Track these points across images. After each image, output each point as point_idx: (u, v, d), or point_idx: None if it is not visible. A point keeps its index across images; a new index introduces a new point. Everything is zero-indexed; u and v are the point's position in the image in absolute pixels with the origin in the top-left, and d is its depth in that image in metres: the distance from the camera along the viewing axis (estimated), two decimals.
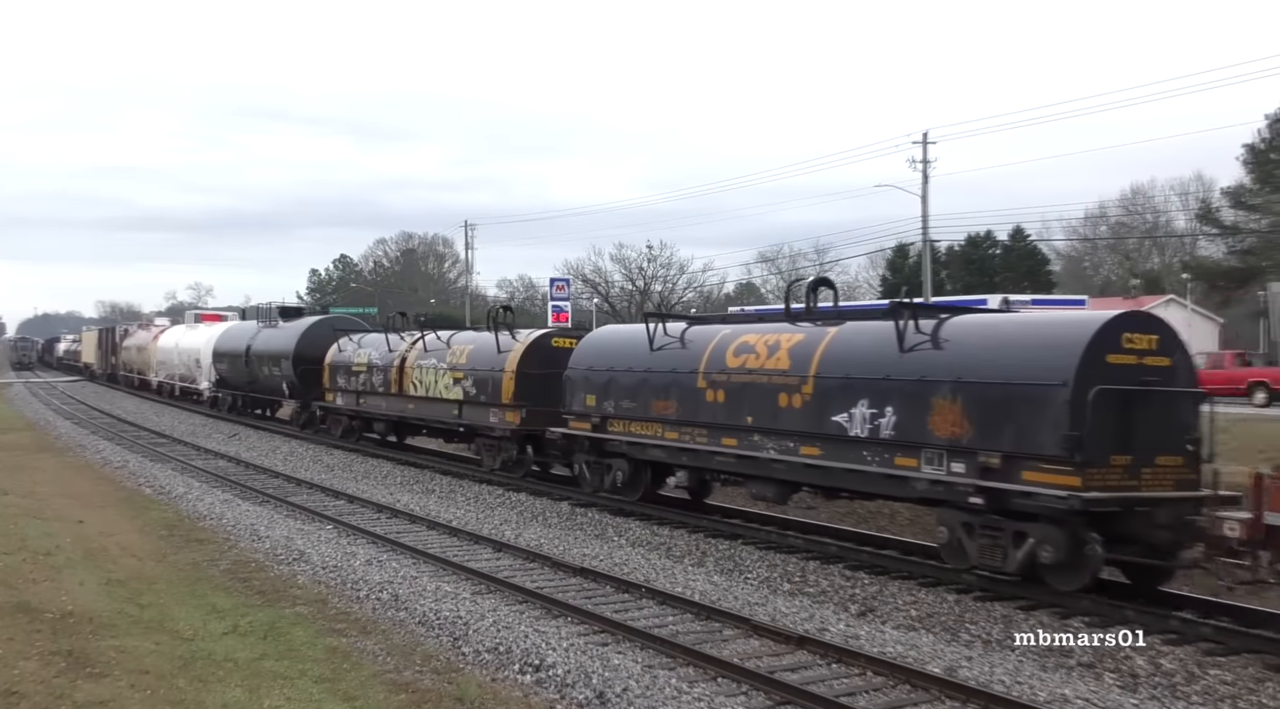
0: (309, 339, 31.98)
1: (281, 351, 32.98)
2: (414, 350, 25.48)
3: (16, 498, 18.80)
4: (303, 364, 31.40)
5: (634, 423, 17.35)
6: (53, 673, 8.75)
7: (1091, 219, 73.88)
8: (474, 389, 22.55)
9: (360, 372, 27.55)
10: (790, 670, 9.51)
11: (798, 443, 14.25)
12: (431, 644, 10.27)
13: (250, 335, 36.78)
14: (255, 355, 35.43)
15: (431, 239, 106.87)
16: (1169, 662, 9.70)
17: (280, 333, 34.78)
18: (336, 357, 29.33)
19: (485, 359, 22.41)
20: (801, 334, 14.76)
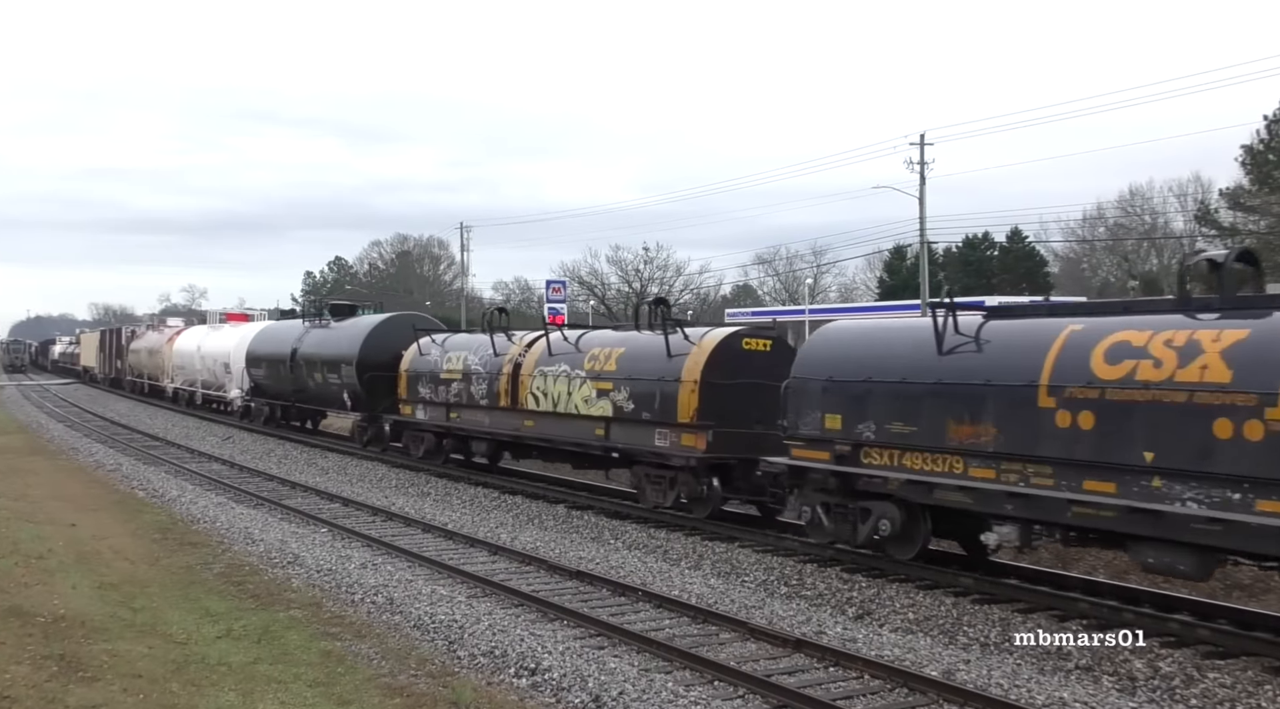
0: (377, 340, 27.01)
1: (341, 355, 27.94)
2: (532, 354, 20.70)
3: (8, 501, 18.73)
4: (369, 370, 26.40)
5: (909, 454, 12.78)
6: (44, 677, 8.69)
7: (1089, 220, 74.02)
8: (630, 404, 17.71)
9: (452, 379, 22.84)
10: (787, 673, 9.47)
11: (1251, 494, 9.66)
12: (427, 648, 10.22)
13: (296, 337, 31.52)
14: (304, 360, 30.26)
15: (427, 241, 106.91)
16: (1167, 664, 9.66)
17: (336, 334, 29.64)
18: (417, 361, 24.45)
19: (649, 366, 17.57)
20: (1240, 329, 10.16)
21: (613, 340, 19.14)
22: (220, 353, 38.96)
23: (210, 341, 41.16)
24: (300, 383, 30.89)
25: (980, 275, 66.98)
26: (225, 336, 39.93)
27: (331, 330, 30.24)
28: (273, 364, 32.97)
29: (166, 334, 49.14)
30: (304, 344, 30.71)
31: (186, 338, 44.98)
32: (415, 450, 24.70)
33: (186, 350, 43.42)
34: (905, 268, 67.01)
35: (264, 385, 34.46)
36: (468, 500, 20.02)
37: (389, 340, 26.67)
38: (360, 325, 29.04)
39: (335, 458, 26.80)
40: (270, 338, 34.61)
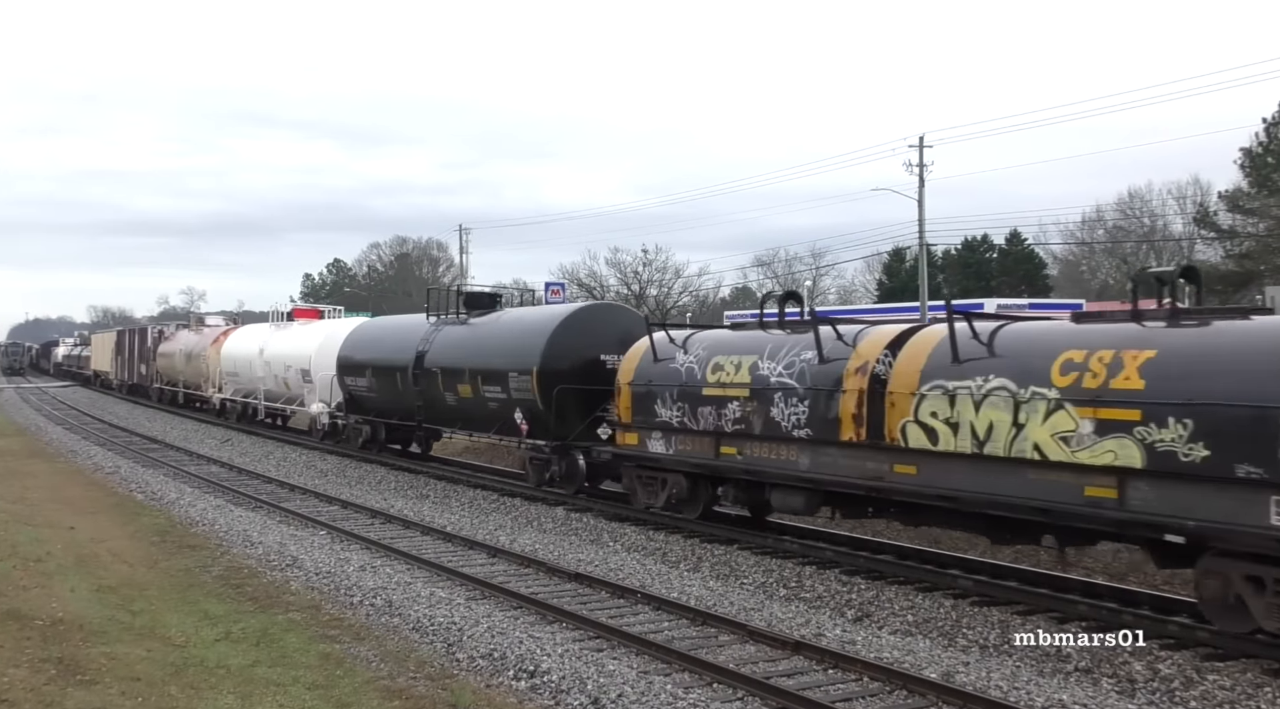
0: (565, 340, 19.73)
1: (510, 362, 20.55)
2: (909, 361, 13.11)
3: (7, 504, 18.72)
4: (559, 382, 19.26)
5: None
6: (43, 680, 8.68)
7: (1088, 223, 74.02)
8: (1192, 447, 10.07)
9: (728, 397, 15.34)
10: (786, 676, 9.47)
11: None
12: (425, 650, 10.21)
13: (421, 336, 24.22)
14: (438, 368, 23.07)
15: (425, 243, 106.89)
16: (1167, 667, 9.65)
17: (489, 332, 22.38)
18: (650, 369, 16.93)
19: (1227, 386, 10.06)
20: None
21: (1112, 337, 11.32)
22: (294, 357, 31.35)
23: (278, 344, 33.36)
24: (430, 397, 23.51)
25: (979, 278, 67.02)
26: (301, 338, 32.11)
27: (474, 328, 23.07)
28: (383, 373, 25.52)
29: (209, 334, 41.77)
30: (434, 346, 23.53)
31: (242, 339, 37.26)
32: (647, 497, 17.23)
33: (242, 354, 35.91)
34: (904, 270, 67.04)
35: (364, 399, 26.86)
36: (466, 502, 20.01)
37: (581, 340, 19.74)
38: (539, 321, 21.05)
39: (334, 460, 26.77)
40: (374, 339, 27.18)
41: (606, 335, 19.69)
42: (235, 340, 37.88)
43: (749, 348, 15.48)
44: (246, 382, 35.77)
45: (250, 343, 35.86)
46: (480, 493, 20.87)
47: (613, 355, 19.02)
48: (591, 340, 19.72)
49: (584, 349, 19.59)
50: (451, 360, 22.87)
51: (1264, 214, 44.67)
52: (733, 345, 15.88)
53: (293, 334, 33.53)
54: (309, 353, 30.31)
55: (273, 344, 33.81)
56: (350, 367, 27.18)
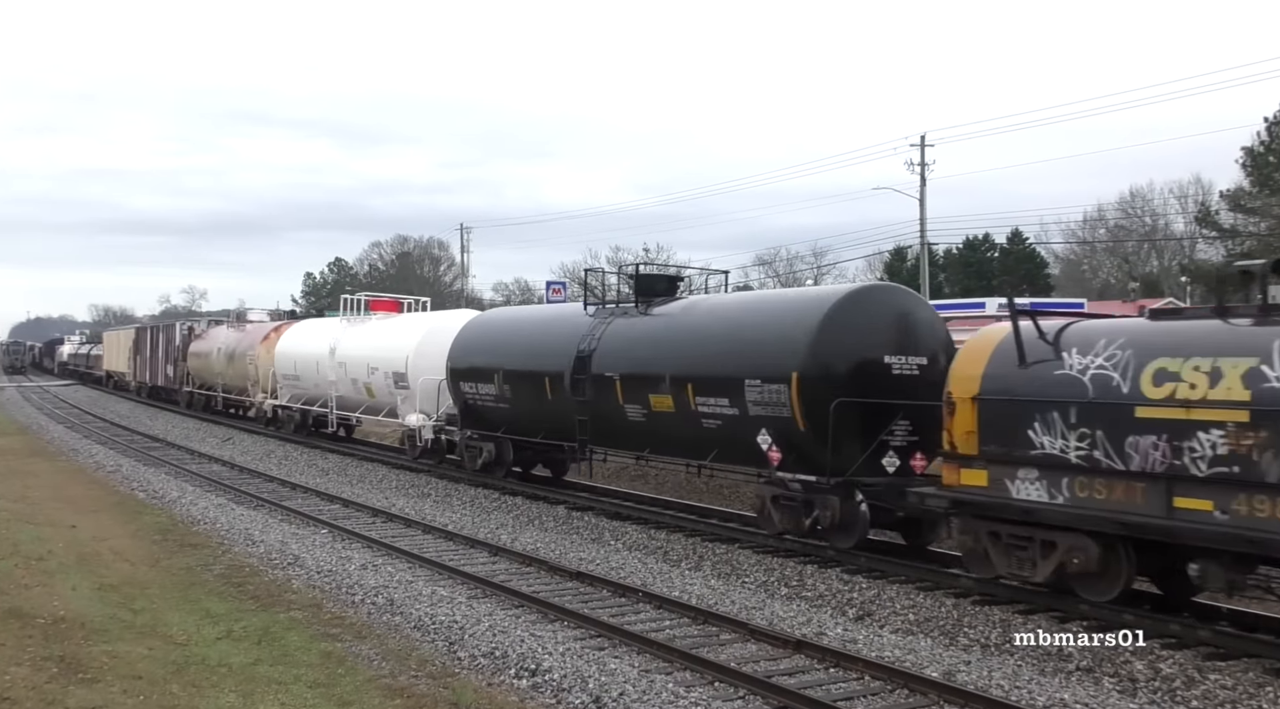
0: (837, 334, 14.32)
1: (745, 365, 15.01)
2: None
3: (8, 503, 18.73)
4: (832, 392, 13.85)
5: None
6: (44, 679, 8.68)
7: (1090, 222, 74.00)
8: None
9: (1203, 422, 9.99)
10: (788, 674, 9.46)
11: None
12: (427, 649, 10.21)
13: (581, 333, 18.65)
14: (617, 375, 17.48)
15: (427, 242, 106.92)
16: (1168, 666, 9.64)
17: (696, 323, 16.80)
18: (1016, 375, 11.70)
19: None
20: None
21: None
22: (384, 358, 25.76)
23: (356, 342, 27.74)
24: (601, 412, 17.90)
25: (981, 277, 67.00)
26: (389, 334, 26.57)
27: (665, 320, 17.48)
28: (523, 380, 20.09)
29: (255, 331, 36.81)
30: (604, 345, 18.00)
31: (303, 337, 31.97)
32: (1011, 565, 11.80)
33: (306, 354, 30.62)
34: (905, 269, 66.99)
35: (489, 412, 21.30)
36: (468, 501, 20.01)
37: (853, 335, 14.33)
38: (793, 309, 15.26)
39: (335, 459, 26.78)
40: (502, 336, 21.61)
41: (882, 327, 14.46)
42: (294, 338, 32.33)
43: (1229, 345, 10.11)
44: (310, 386, 30.45)
45: (316, 341, 30.27)
46: (481, 492, 20.87)
47: (899, 356, 14.36)
48: (866, 335, 14.34)
49: (860, 347, 14.23)
50: (637, 363, 17.18)
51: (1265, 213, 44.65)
52: (1189, 342, 10.46)
53: (374, 330, 27.57)
54: (404, 353, 24.63)
55: (349, 342, 27.96)
56: (470, 371, 21.63)
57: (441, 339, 23.28)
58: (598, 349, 18.00)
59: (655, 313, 17.88)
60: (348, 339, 28.32)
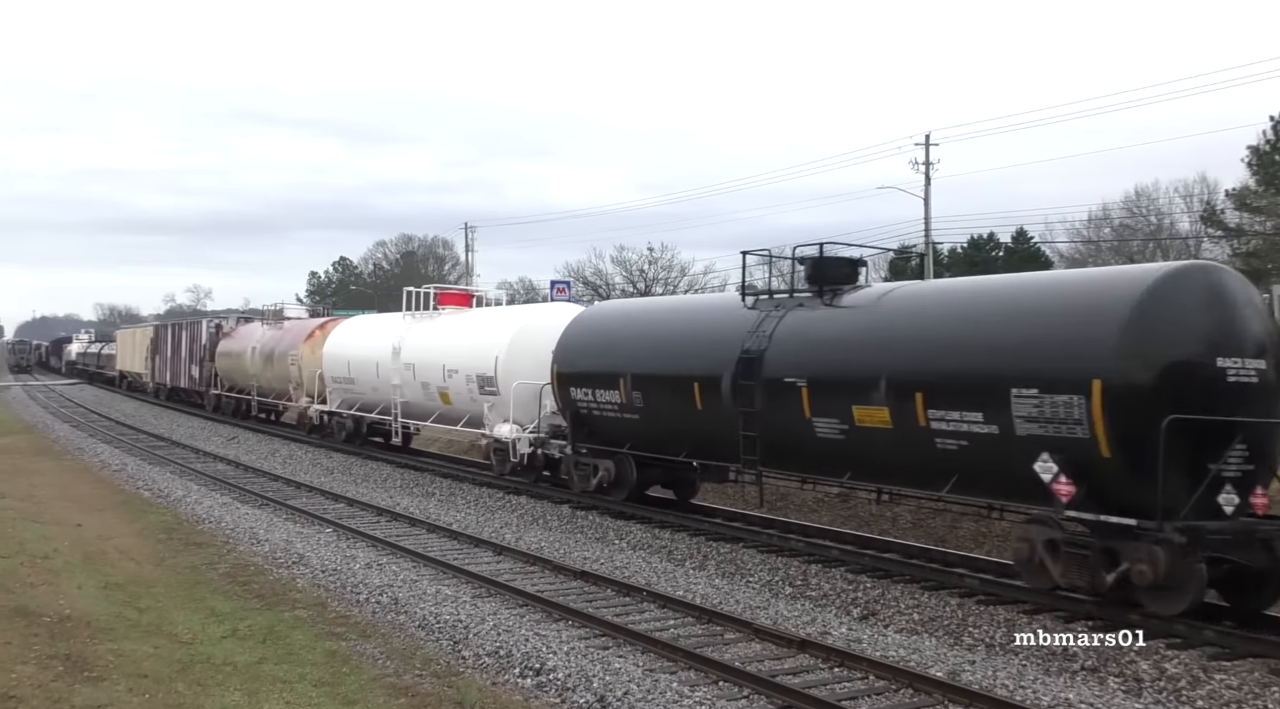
0: (1158, 327, 10.71)
1: (1017, 365, 11.41)
2: None
3: (14, 501, 18.76)
4: (1157, 407, 10.29)
5: None
6: (50, 677, 8.70)
7: (1095, 221, 73.84)
8: None
9: None
10: (792, 674, 9.46)
11: None
12: (432, 648, 10.22)
13: (744, 329, 15.05)
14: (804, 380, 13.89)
15: (431, 241, 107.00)
16: (1173, 666, 9.63)
17: (919, 311, 13.29)
18: None
19: None
20: None
21: None
22: (464, 359, 22.33)
23: (427, 340, 24.30)
24: (778, 425, 14.31)
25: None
26: (468, 332, 23.16)
27: (868, 313, 13.87)
28: (661, 386, 16.57)
29: (297, 329, 33.42)
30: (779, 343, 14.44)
31: (358, 334, 28.57)
32: None
33: (363, 354, 27.13)
34: (910, 268, 66.96)
35: (609, 424, 17.68)
36: (472, 501, 20.02)
37: (1177, 330, 10.85)
38: (1091, 291, 11.57)
39: (340, 458, 26.80)
40: (626, 333, 17.96)
41: (1211, 319, 10.93)
42: (346, 336, 28.96)
43: None
44: (368, 391, 27.02)
45: (374, 340, 26.79)
46: (486, 491, 20.88)
47: (1234, 359, 10.83)
48: (1192, 329, 10.85)
49: (1187, 346, 10.76)
50: (831, 366, 13.68)
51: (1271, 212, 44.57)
52: None
53: (449, 328, 24.13)
54: (492, 353, 21.24)
55: (417, 341, 24.63)
56: (585, 376, 18.04)
57: (537, 338, 20.34)
58: (770, 348, 14.40)
59: (846, 304, 14.27)
60: (415, 338, 24.73)
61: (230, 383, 39.01)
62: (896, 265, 71.05)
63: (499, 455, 21.23)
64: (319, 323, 33.04)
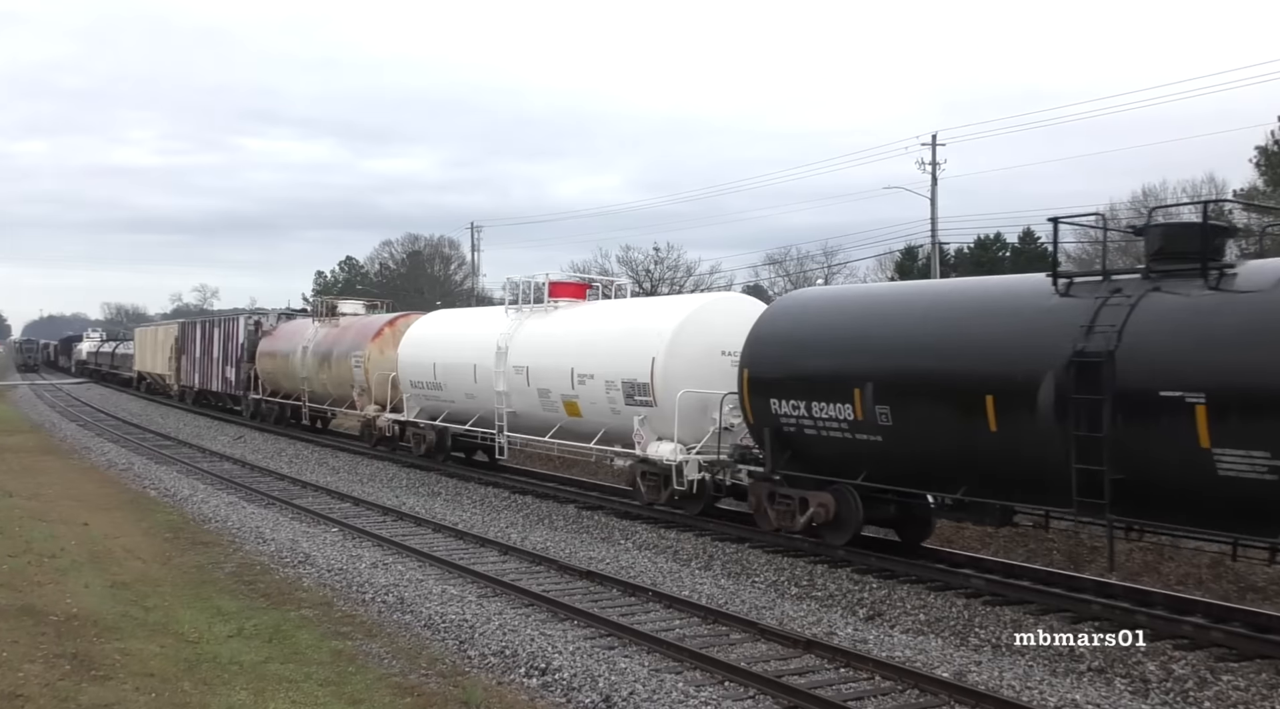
0: None
1: None
2: None
3: (22, 500, 18.80)
4: None
5: None
6: (57, 676, 8.72)
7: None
8: None
9: None
10: (798, 674, 9.45)
11: None
12: (437, 647, 10.22)
13: (1058, 321, 11.29)
14: (1203, 399, 9.76)
15: (438, 241, 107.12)
16: (1180, 667, 9.60)
17: None
18: None
19: None
20: None
21: None
22: (604, 362, 18.03)
23: (544, 338, 19.98)
24: (1149, 459, 10.42)
25: None
26: (607, 327, 18.89)
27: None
28: (934, 399, 12.53)
29: (359, 326, 29.46)
30: (1139, 338, 10.61)
31: (445, 332, 24.13)
32: None
33: (449, 356, 22.84)
34: (917, 268, 66.85)
35: (839, 448, 13.69)
36: (478, 500, 20.03)
37: None
38: None
39: (346, 457, 26.83)
40: (856, 326, 13.98)
41: None
42: (430, 334, 24.50)
43: None
44: (459, 399, 22.60)
45: (469, 338, 22.44)
46: (491, 491, 20.88)
47: None
48: None
49: None
50: (1251, 373, 9.77)
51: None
52: None
53: (572, 323, 19.75)
54: (646, 353, 16.89)
55: (530, 340, 20.23)
56: (793, 383, 14.13)
57: (706, 335, 16.54)
58: (1123, 347, 10.49)
59: (1244, 286, 10.23)
60: (528, 336, 20.36)
61: (273, 386, 34.75)
62: (903, 265, 70.99)
63: (649, 481, 17.19)
64: (387, 319, 28.59)
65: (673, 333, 16.78)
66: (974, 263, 69.41)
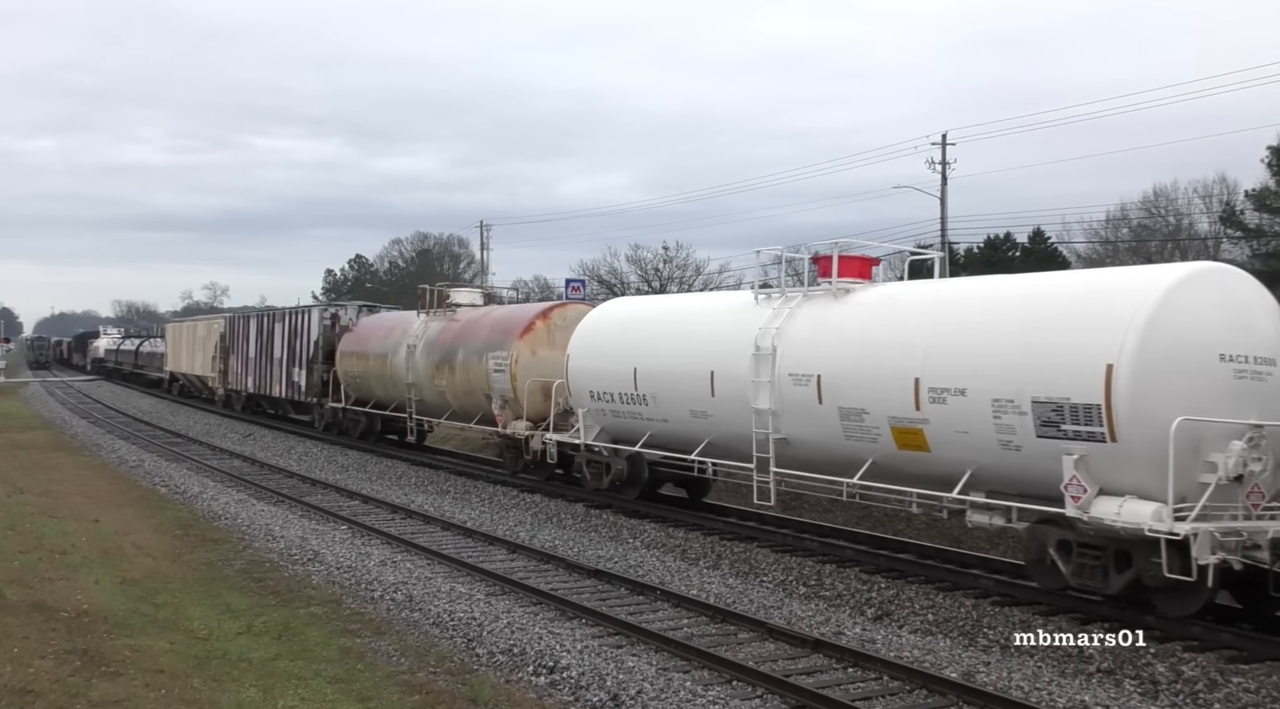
0: None
1: None
2: None
3: (33, 497, 18.88)
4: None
5: None
6: (68, 672, 8.75)
7: (1113, 221, 73.40)
8: None
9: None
10: (806, 674, 9.44)
11: None
12: (446, 645, 10.24)
13: None
14: None
15: (447, 240, 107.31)
16: (1190, 668, 9.57)
17: None
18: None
19: None
20: None
21: None
22: (1002, 371, 11.60)
23: (836, 333, 14.08)
24: None
25: None
26: (983, 318, 12.30)
27: None
28: None
29: (499, 319, 22.91)
30: None
31: (646, 323, 18.27)
32: None
33: (659, 359, 16.98)
34: (926, 268, 66.71)
35: None
36: (486, 498, 20.05)
37: None
38: None
39: (355, 455, 26.88)
40: None
41: None
42: (616, 326, 18.70)
43: None
44: (676, 417, 16.75)
45: (702, 333, 16.51)
46: (500, 489, 20.90)
47: None
48: None
49: None
50: None
51: None
52: None
53: (890, 309, 13.80)
54: (1095, 359, 10.76)
55: (815, 334, 14.42)
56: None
57: (1196, 330, 10.70)
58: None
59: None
60: (813, 329, 14.53)
61: (361, 393, 28.90)
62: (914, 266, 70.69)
63: (1089, 560, 11.15)
64: (538, 309, 22.48)
65: (1144, 328, 10.59)
66: (983, 262, 69.23)
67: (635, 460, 18.15)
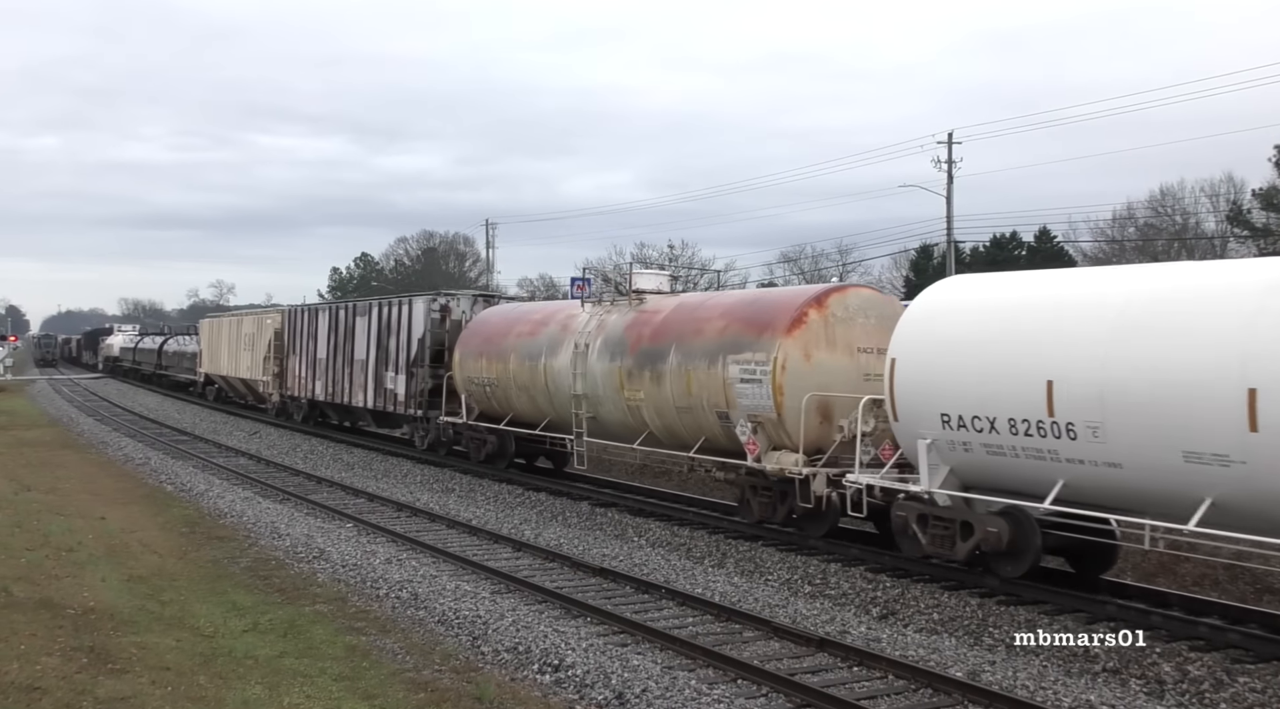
0: None
1: None
2: None
3: (39, 494, 18.93)
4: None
5: None
6: (74, 669, 8.77)
7: (1119, 220, 73.28)
8: None
9: None
10: (811, 673, 9.44)
11: None
12: (451, 643, 10.25)
13: None
14: None
15: (452, 237, 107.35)
16: (1196, 668, 9.55)
17: None
18: None
19: None
20: None
21: None
22: None
23: None
24: None
25: None
26: None
27: None
28: None
29: (728, 308, 16.52)
30: None
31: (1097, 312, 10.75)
32: None
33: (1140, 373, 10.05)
34: (931, 267, 66.63)
35: None
36: (491, 497, 20.06)
37: None
38: None
39: (360, 453, 26.91)
40: None
41: None
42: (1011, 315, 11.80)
43: None
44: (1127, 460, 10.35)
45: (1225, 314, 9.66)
46: (505, 487, 20.92)
47: None
48: None
49: None
50: None
51: None
52: None
53: None
54: None
55: None
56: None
57: None
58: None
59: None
60: None
61: (489, 405, 22.40)
62: (919, 265, 70.77)
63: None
64: (809, 294, 15.45)
65: None
66: (989, 261, 69.17)
67: (1022, 525, 11.90)
